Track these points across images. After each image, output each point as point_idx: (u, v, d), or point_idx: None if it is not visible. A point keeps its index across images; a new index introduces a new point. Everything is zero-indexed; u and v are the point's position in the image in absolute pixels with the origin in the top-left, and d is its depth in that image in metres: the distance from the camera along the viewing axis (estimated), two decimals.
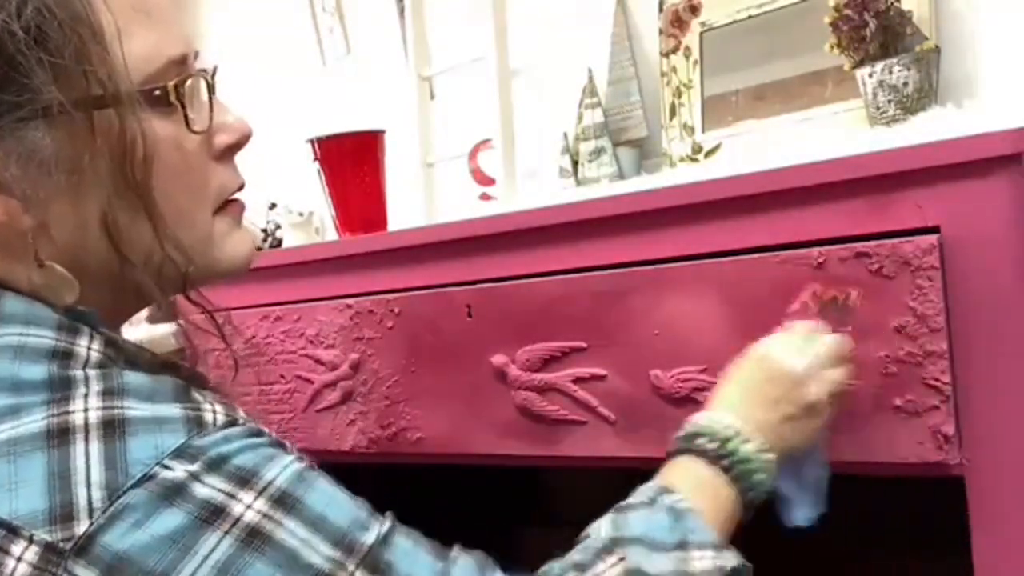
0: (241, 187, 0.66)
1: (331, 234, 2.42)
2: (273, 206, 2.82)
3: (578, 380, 0.80)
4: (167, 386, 0.54)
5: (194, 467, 0.50)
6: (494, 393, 0.85)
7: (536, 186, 2.02)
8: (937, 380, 0.64)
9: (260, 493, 0.50)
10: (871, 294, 0.65)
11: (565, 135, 1.95)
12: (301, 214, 2.66)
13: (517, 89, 1.89)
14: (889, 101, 1.39)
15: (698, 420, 0.65)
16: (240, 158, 0.66)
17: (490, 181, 2.05)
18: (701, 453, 0.62)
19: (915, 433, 0.65)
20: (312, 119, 2.66)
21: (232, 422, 0.54)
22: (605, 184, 1.84)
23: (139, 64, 0.55)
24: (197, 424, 0.52)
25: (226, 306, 1.06)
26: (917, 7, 1.44)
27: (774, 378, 0.65)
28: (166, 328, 0.78)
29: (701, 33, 1.75)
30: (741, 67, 1.69)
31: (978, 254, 0.62)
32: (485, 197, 2.11)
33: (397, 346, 0.91)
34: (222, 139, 0.62)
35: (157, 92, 0.56)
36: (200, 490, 0.49)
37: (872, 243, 0.65)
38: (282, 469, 0.52)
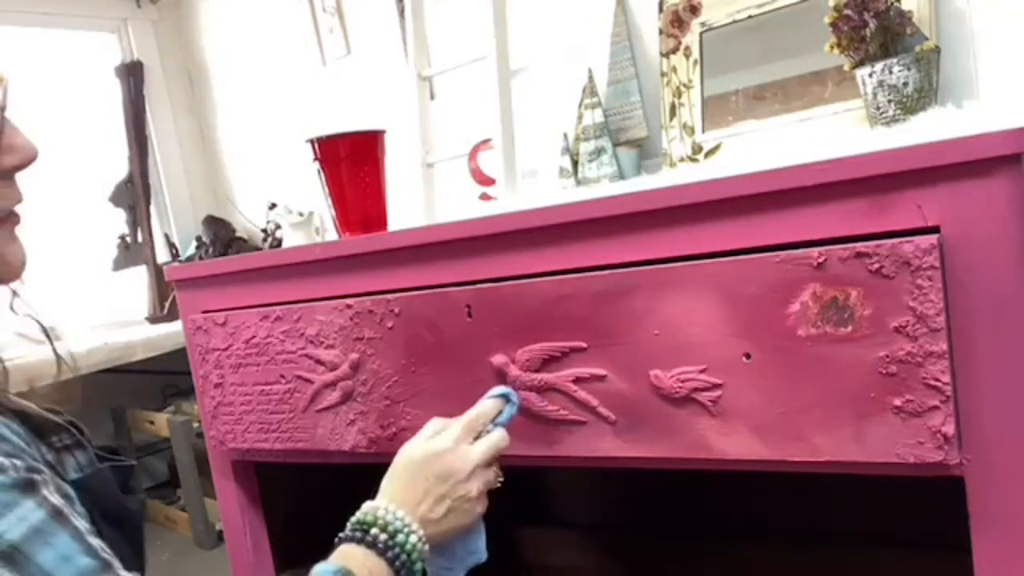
0: (19, 202, 0.67)
1: (331, 234, 2.41)
2: (273, 206, 2.82)
3: (578, 380, 0.80)
4: None
5: None
6: None
7: (536, 186, 2.02)
8: (937, 380, 0.63)
9: None
10: (871, 294, 0.65)
11: (565, 135, 1.95)
12: (301, 214, 2.66)
13: (517, 89, 1.89)
14: (889, 101, 1.39)
15: (374, 511, 0.74)
16: (240, 157, 0.66)
17: (490, 181, 2.05)
18: (372, 545, 0.71)
19: (915, 433, 0.65)
20: (312, 119, 2.67)
21: None
22: (605, 184, 1.84)
23: None
24: None
25: (226, 306, 1.06)
26: (917, 7, 1.44)
27: (442, 476, 0.75)
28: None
29: (701, 33, 1.75)
30: (741, 67, 1.69)
31: (978, 254, 0.62)
32: (485, 197, 2.11)
33: (397, 346, 0.91)
34: (9, 160, 0.64)
35: None
36: None
37: (872, 243, 0.65)
38: (18, 521, 0.53)
